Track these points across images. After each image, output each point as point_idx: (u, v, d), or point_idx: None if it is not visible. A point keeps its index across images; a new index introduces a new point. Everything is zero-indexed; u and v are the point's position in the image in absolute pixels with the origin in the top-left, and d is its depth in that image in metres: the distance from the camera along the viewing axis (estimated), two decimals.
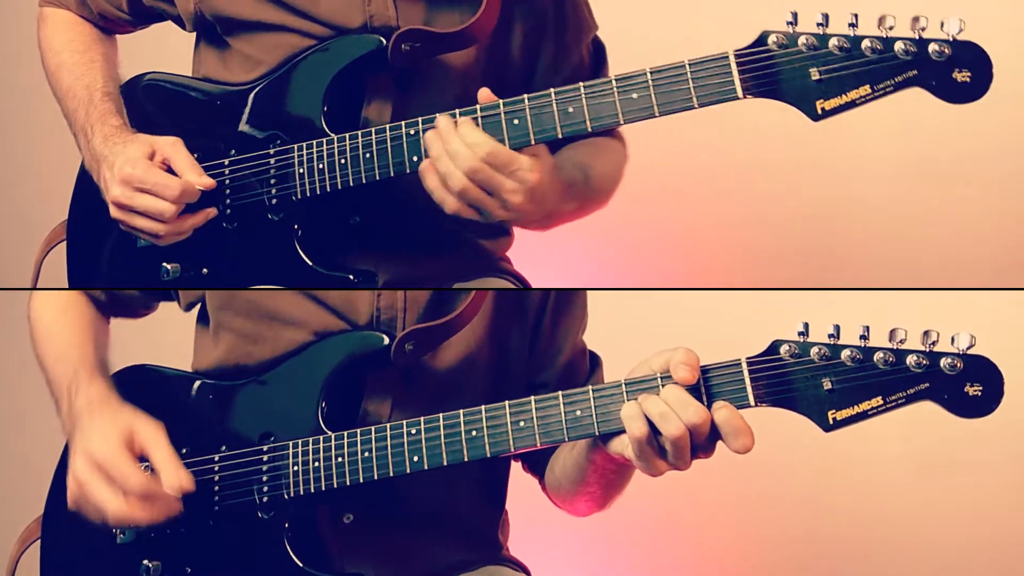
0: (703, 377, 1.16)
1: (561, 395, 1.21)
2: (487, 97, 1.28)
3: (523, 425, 1.22)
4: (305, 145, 1.37)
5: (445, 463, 1.25)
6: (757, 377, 1.16)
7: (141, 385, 1.44)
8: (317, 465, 1.30)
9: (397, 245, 1.46)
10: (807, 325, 1.15)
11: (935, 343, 1.12)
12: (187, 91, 1.47)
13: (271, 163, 1.39)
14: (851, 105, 1.19)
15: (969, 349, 1.11)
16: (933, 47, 1.16)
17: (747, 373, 1.16)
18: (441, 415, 1.26)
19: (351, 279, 1.39)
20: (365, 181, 1.34)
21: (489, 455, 1.24)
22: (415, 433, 1.26)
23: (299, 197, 1.38)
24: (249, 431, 1.36)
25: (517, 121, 1.28)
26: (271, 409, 1.36)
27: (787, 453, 2.22)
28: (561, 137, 1.28)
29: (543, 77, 1.49)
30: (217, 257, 1.43)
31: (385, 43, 1.36)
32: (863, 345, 1.14)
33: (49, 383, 1.44)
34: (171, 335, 1.60)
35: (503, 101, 1.28)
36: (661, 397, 1.16)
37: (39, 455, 1.51)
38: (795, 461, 2.27)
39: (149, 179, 1.34)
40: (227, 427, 1.37)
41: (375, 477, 1.27)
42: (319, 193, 1.37)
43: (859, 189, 2.41)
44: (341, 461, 1.29)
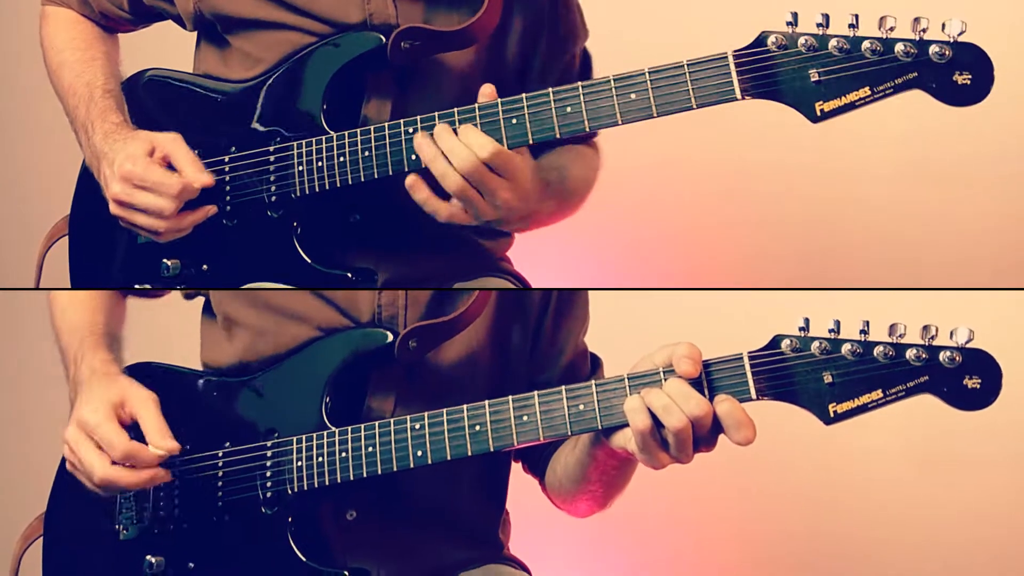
0: (705, 371, 1.17)
1: (564, 389, 1.22)
2: (489, 93, 1.29)
3: (526, 419, 1.23)
4: (305, 143, 1.37)
5: (448, 457, 1.25)
6: (758, 371, 1.16)
7: (147, 382, 1.43)
8: (321, 460, 1.30)
9: (396, 244, 1.46)
10: (808, 320, 1.16)
11: (934, 337, 1.13)
12: (188, 88, 1.48)
13: (271, 160, 1.39)
14: (850, 107, 1.19)
15: (968, 343, 1.12)
16: (934, 49, 1.16)
17: (748, 367, 1.16)
18: (444, 410, 1.26)
19: (349, 277, 1.39)
20: (364, 180, 1.35)
21: (492, 449, 1.24)
22: (419, 428, 1.26)
23: (298, 195, 1.38)
24: (253, 427, 1.36)
25: (515, 121, 1.28)
26: (275, 405, 1.36)
27: (788, 450, 2.23)
28: (559, 137, 1.28)
29: (537, 76, 1.49)
30: (217, 254, 1.43)
31: (385, 41, 1.36)
32: (863, 339, 1.14)
33: (61, 353, 1.46)
34: (172, 327, 1.60)
35: (501, 100, 1.28)
36: (664, 390, 1.16)
37: (39, 453, 1.52)
38: (796, 458, 2.27)
39: (149, 177, 1.34)
40: (231, 423, 1.37)
41: (379, 472, 1.28)
42: (318, 191, 1.37)
43: (859, 190, 2.41)
44: (345, 456, 1.29)
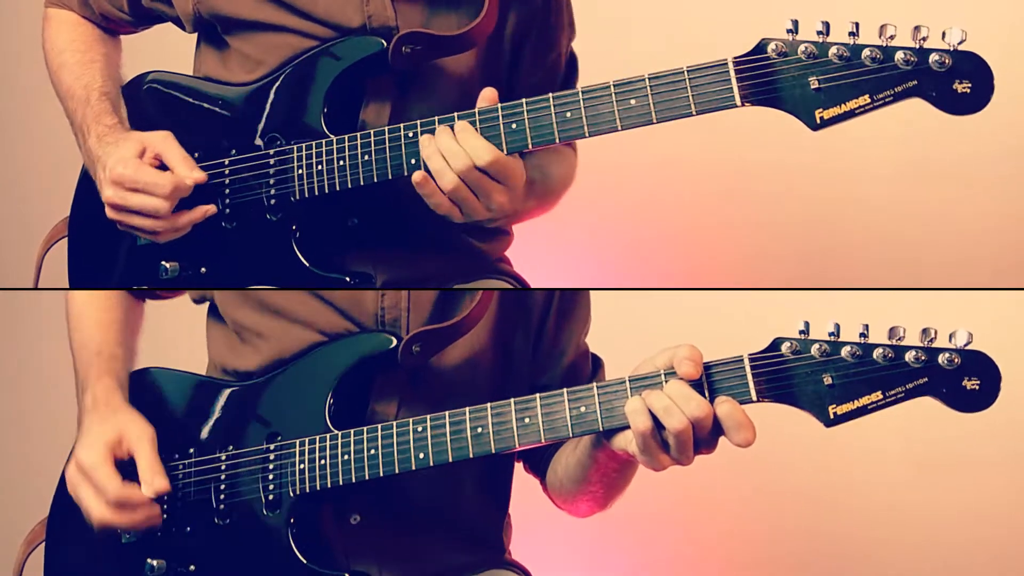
0: (706, 373, 1.17)
1: (566, 392, 1.22)
2: (490, 96, 1.29)
3: (528, 422, 1.23)
4: (304, 146, 1.37)
5: (451, 460, 1.25)
6: (759, 373, 1.16)
7: (150, 387, 1.44)
8: (323, 463, 1.30)
9: (394, 247, 1.46)
10: (808, 324, 1.16)
11: (933, 340, 1.13)
12: (188, 90, 1.48)
13: (270, 163, 1.39)
14: (850, 115, 1.19)
15: (967, 345, 1.12)
16: (934, 57, 1.15)
17: (749, 369, 1.17)
18: (447, 412, 1.26)
19: (348, 281, 1.39)
20: (363, 183, 1.35)
21: (494, 452, 1.24)
22: (421, 431, 1.26)
23: (297, 198, 1.38)
24: (256, 431, 1.36)
25: (515, 126, 1.28)
26: (279, 409, 1.37)
27: (787, 451, 2.23)
28: (558, 142, 1.28)
29: (524, 73, 1.50)
30: (216, 256, 1.43)
31: (386, 45, 1.36)
32: (863, 342, 1.15)
33: (75, 370, 1.47)
34: (176, 329, 1.61)
35: (501, 105, 1.28)
36: (664, 392, 1.16)
37: (39, 453, 1.52)
38: (795, 459, 2.27)
39: (140, 178, 1.34)
40: (235, 429, 1.37)
41: (381, 474, 1.28)
42: (317, 194, 1.37)
43: (859, 190, 2.41)
44: (347, 458, 1.29)
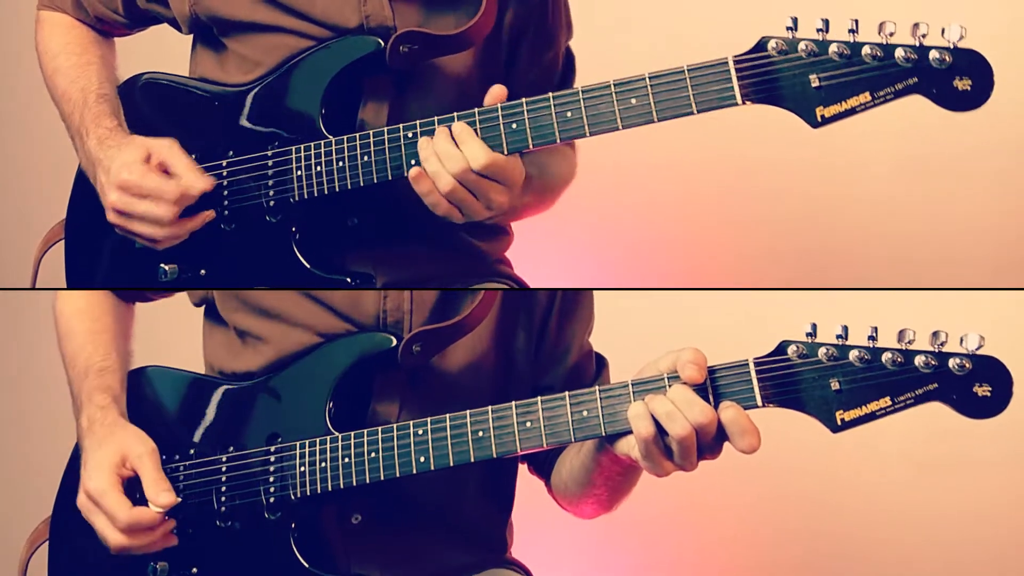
0: (710, 377, 1.17)
1: (568, 395, 1.21)
2: (499, 94, 1.28)
3: (530, 426, 1.22)
4: (303, 147, 1.37)
5: (452, 464, 1.25)
6: (764, 377, 1.16)
7: (148, 387, 1.44)
8: (324, 466, 1.30)
9: (395, 247, 1.46)
10: (815, 326, 1.15)
11: (944, 344, 1.12)
12: (185, 91, 1.47)
13: (269, 165, 1.39)
14: (851, 112, 1.18)
15: (978, 350, 1.11)
16: (934, 54, 1.15)
17: (754, 373, 1.16)
18: (448, 416, 1.26)
19: (349, 282, 1.38)
20: (363, 184, 1.34)
21: (496, 456, 1.23)
22: (422, 434, 1.26)
23: (296, 199, 1.37)
24: (256, 432, 1.36)
25: (515, 126, 1.28)
26: (279, 411, 1.36)
27: (788, 452, 2.21)
28: (559, 142, 1.28)
29: (521, 72, 1.49)
30: (215, 259, 1.42)
31: (383, 45, 1.36)
32: (871, 346, 1.14)
33: (68, 384, 1.47)
34: (173, 329, 1.60)
35: (501, 105, 1.28)
36: (667, 397, 1.16)
37: (40, 453, 1.52)
38: (796, 460, 2.27)
39: (146, 184, 1.34)
40: (235, 429, 1.37)
41: (381, 478, 1.27)
42: (316, 195, 1.36)
43: (859, 188, 2.40)
44: (348, 462, 1.29)
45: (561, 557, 2.28)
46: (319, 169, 1.36)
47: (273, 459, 1.33)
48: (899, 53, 1.16)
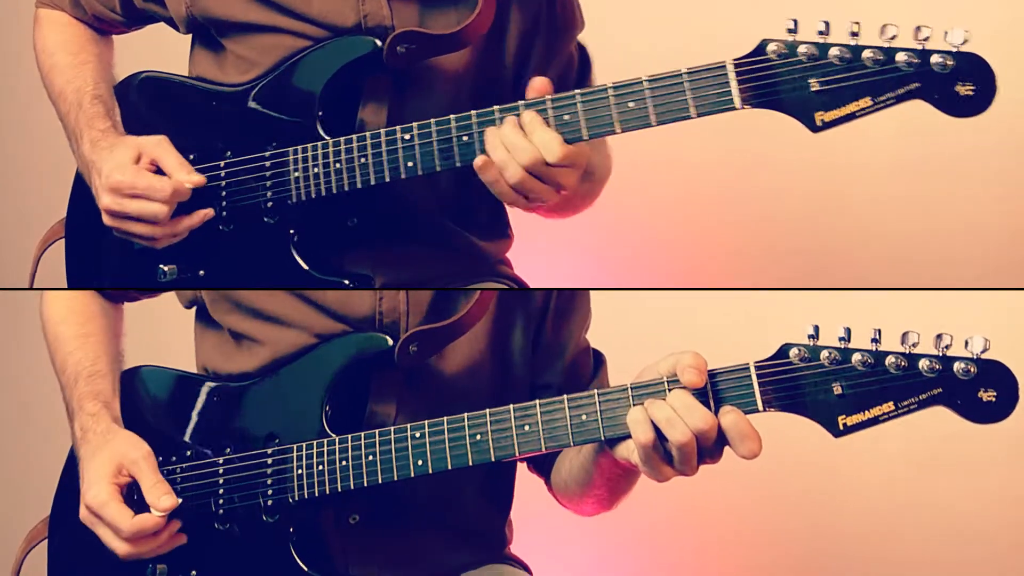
0: (711, 381, 1.15)
1: (567, 399, 1.20)
2: (539, 86, 1.27)
3: (528, 429, 1.21)
4: (300, 149, 1.36)
5: (450, 467, 1.24)
6: (766, 382, 1.14)
7: (142, 387, 1.44)
8: (321, 468, 1.30)
9: (394, 248, 1.45)
10: (817, 328, 1.13)
11: (948, 347, 1.10)
12: (182, 91, 1.46)
13: (266, 166, 1.38)
14: (851, 117, 1.17)
15: (983, 353, 1.10)
16: (936, 59, 1.14)
17: (755, 377, 1.14)
18: (445, 419, 1.25)
19: (347, 284, 1.38)
20: (360, 186, 1.34)
21: (494, 459, 1.23)
22: (419, 437, 1.26)
23: (294, 201, 1.37)
24: (254, 434, 1.35)
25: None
26: (276, 412, 1.36)
27: (788, 451, 2.20)
28: None
29: (537, 72, 1.46)
30: (213, 259, 1.42)
31: (380, 45, 1.35)
32: (874, 349, 1.12)
33: (60, 390, 1.47)
34: (167, 328, 1.60)
35: (498, 108, 1.27)
36: (667, 402, 1.15)
37: (40, 453, 1.52)
38: (796, 460, 2.26)
39: (139, 183, 1.34)
40: (232, 429, 1.37)
41: (379, 481, 1.27)
42: (314, 197, 1.36)
43: (859, 187, 2.40)
44: (345, 465, 1.28)
45: (561, 555, 2.28)
46: (316, 171, 1.35)
47: (270, 461, 1.32)
48: (901, 57, 1.15)
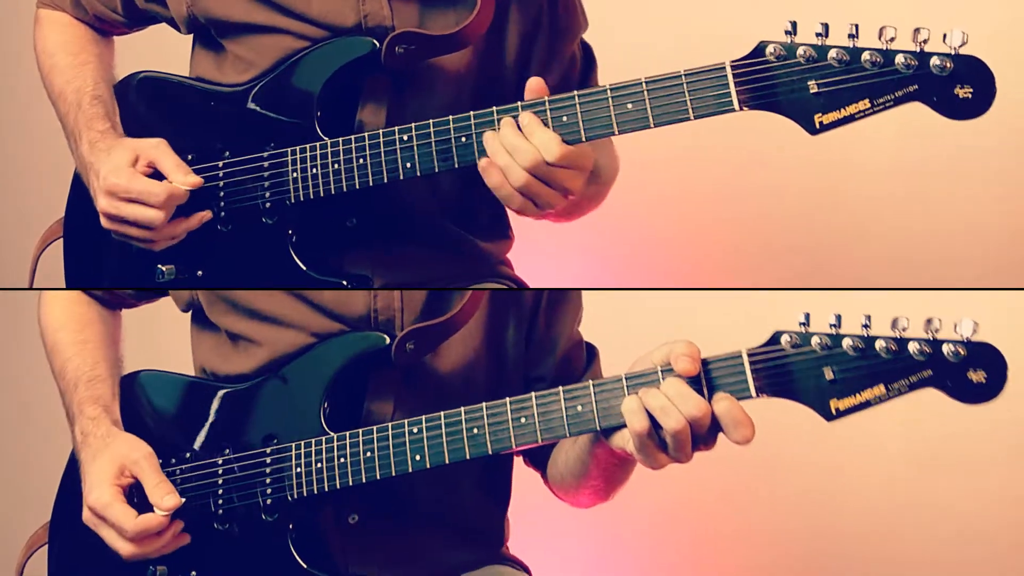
0: (704, 369, 1.16)
1: (562, 390, 1.21)
2: (536, 87, 1.27)
3: (524, 421, 1.22)
4: (299, 149, 1.36)
5: (447, 461, 1.25)
6: (758, 368, 1.15)
7: (142, 391, 1.44)
8: (320, 466, 1.30)
9: (394, 248, 1.45)
10: (808, 316, 1.14)
11: (938, 331, 1.11)
12: (181, 91, 1.46)
13: (264, 167, 1.38)
14: (849, 119, 1.17)
15: (972, 336, 1.10)
16: (935, 61, 1.13)
17: (748, 364, 1.15)
18: (442, 413, 1.25)
19: (345, 285, 1.38)
20: (358, 187, 1.34)
21: (491, 452, 1.23)
22: (416, 432, 1.26)
23: (292, 201, 1.37)
24: (252, 434, 1.35)
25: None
26: (274, 412, 1.36)
27: (788, 451, 2.22)
28: None
29: (541, 70, 1.47)
30: (212, 260, 1.42)
31: (379, 46, 1.35)
32: (865, 334, 1.13)
33: (60, 395, 1.48)
34: (166, 331, 1.60)
35: (496, 109, 1.27)
36: (661, 390, 1.15)
37: (41, 453, 1.52)
38: (796, 459, 2.26)
39: (134, 188, 1.33)
40: (231, 430, 1.37)
41: (377, 477, 1.27)
42: (312, 198, 1.36)
43: (858, 187, 2.40)
44: (344, 462, 1.29)
45: (559, 554, 2.28)
46: (315, 171, 1.36)
47: (269, 460, 1.32)
48: (899, 59, 1.14)
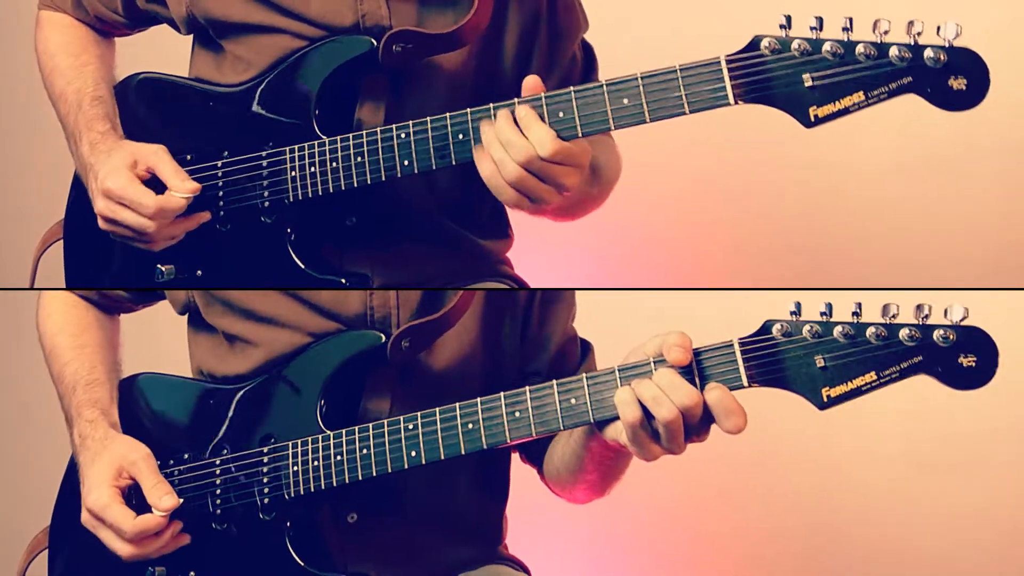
0: (696, 359, 1.16)
1: (556, 383, 1.21)
2: (533, 85, 1.27)
3: (519, 415, 1.22)
4: (297, 148, 1.36)
5: (442, 456, 1.25)
6: (749, 357, 1.15)
7: (140, 394, 1.44)
8: (316, 464, 1.30)
9: (393, 247, 1.45)
10: (799, 304, 1.14)
11: (928, 316, 1.11)
12: (180, 91, 1.46)
13: (263, 166, 1.38)
14: (844, 112, 1.17)
15: (962, 321, 1.10)
16: (928, 53, 1.13)
17: (739, 354, 1.15)
18: (437, 409, 1.25)
19: (343, 283, 1.38)
20: (356, 185, 1.34)
21: (486, 447, 1.23)
22: (412, 428, 1.26)
23: (291, 200, 1.37)
24: (250, 434, 1.35)
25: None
26: (271, 412, 1.36)
27: (787, 451, 2.21)
28: None
29: (541, 69, 1.47)
30: (211, 259, 1.42)
31: (376, 44, 1.35)
32: (855, 321, 1.13)
33: (60, 401, 1.48)
34: (164, 335, 1.60)
35: (493, 105, 1.27)
36: (653, 380, 1.15)
37: (41, 454, 1.52)
38: (795, 459, 2.26)
39: (127, 194, 1.33)
40: (228, 431, 1.37)
41: (373, 474, 1.27)
42: (311, 196, 1.36)
43: (858, 187, 2.40)
44: (340, 459, 1.29)
45: (558, 553, 2.27)
46: (313, 170, 1.36)
47: (266, 459, 1.33)
48: (893, 52, 1.14)
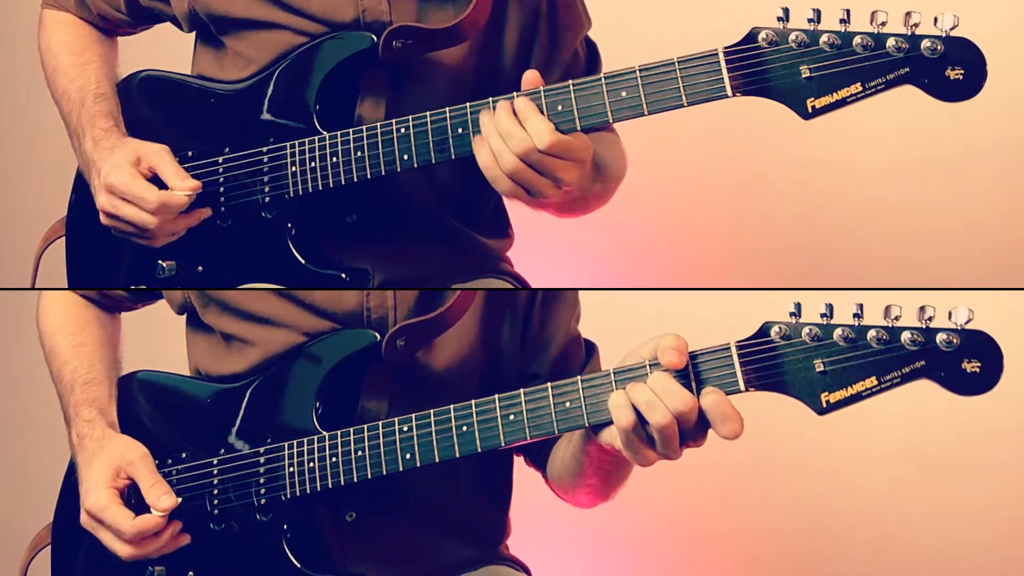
0: (692, 363, 1.13)
1: (551, 387, 1.19)
2: (532, 80, 1.26)
3: (513, 418, 1.20)
4: (298, 143, 1.37)
5: (437, 459, 1.24)
6: (747, 361, 1.12)
7: (139, 393, 1.44)
8: (312, 465, 1.29)
9: (393, 243, 1.45)
10: (799, 305, 1.11)
11: (931, 319, 1.08)
12: (181, 88, 1.47)
13: (264, 161, 1.38)
14: (842, 103, 1.16)
15: (967, 324, 1.07)
16: (926, 44, 1.13)
17: (736, 357, 1.13)
18: (432, 411, 1.24)
19: (343, 278, 1.38)
20: (356, 180, 1.34)
21: (480, 450, 1.22)
22: (407, 430, 1.25)
23: (292, 195, 1.37)
24: (247, 434, 1.35)
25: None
26: (268, 412, 1.36)
27: (787, 452, 2.21)
28: None
29: (542, 66, 1.46)
30: (212, 255, 1.42)
31: (376, 40, 1.35)
32: (856, 324, 1.10)
33: (59, 399, 1.48)
34: (162, 333, 1.61)
35: (492, 100, 1.27)
36: (647, 385, 1.13)
37: (41, 453, 1.52)
38: (795, 460, 2.26)
39: (130, 190, 1.34)
40: (225, 431, 1.37)
41: (368, 476, 1.27)
42: (311, 191, 1.36)
43: (858, 187, 2.39)
44: (335, 461, 1.28)
45: (559, 554, 2.27)
46: (313, 165, 1.36)
47: (263, 460, 1.32)
48: (890, 43, 1.14)
